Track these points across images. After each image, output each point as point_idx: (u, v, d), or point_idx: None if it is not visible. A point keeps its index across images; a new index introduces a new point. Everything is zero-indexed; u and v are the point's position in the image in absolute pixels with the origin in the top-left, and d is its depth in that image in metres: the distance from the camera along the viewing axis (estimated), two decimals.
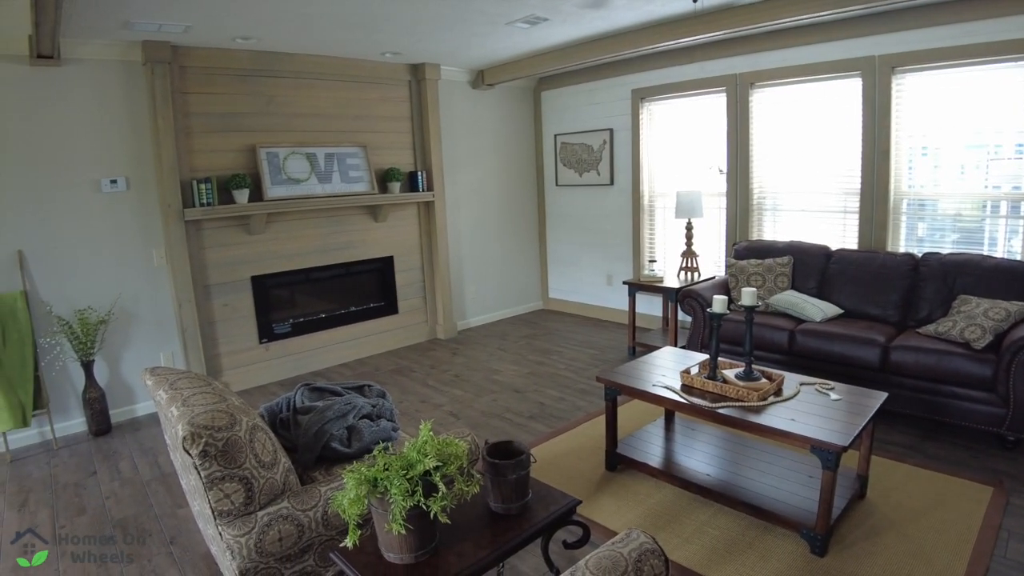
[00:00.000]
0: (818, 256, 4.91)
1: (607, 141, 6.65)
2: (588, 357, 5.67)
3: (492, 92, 6.94)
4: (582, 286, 7.32)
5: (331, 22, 4.44)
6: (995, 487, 3.27)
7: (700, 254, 5.75)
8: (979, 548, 2.77)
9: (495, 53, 5.85)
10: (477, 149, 6.94)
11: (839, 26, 4.83)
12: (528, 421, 4.32)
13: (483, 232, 7.12)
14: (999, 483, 3.31)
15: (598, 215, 6.95)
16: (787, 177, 5.46)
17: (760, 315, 4.66)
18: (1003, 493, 3.22)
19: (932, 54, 4.50)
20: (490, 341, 6.42)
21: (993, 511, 3.06)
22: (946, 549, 2.77)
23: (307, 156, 5.43)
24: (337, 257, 5.84)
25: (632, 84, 6.34)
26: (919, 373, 3.89)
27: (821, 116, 5.19)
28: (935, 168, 4.79)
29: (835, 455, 2.63)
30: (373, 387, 3.24)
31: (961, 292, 4.20)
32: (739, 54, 5.46)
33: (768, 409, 2.99)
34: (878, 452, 3.63)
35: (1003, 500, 3.16)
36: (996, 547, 2.78)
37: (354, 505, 1.74)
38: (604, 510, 3.18)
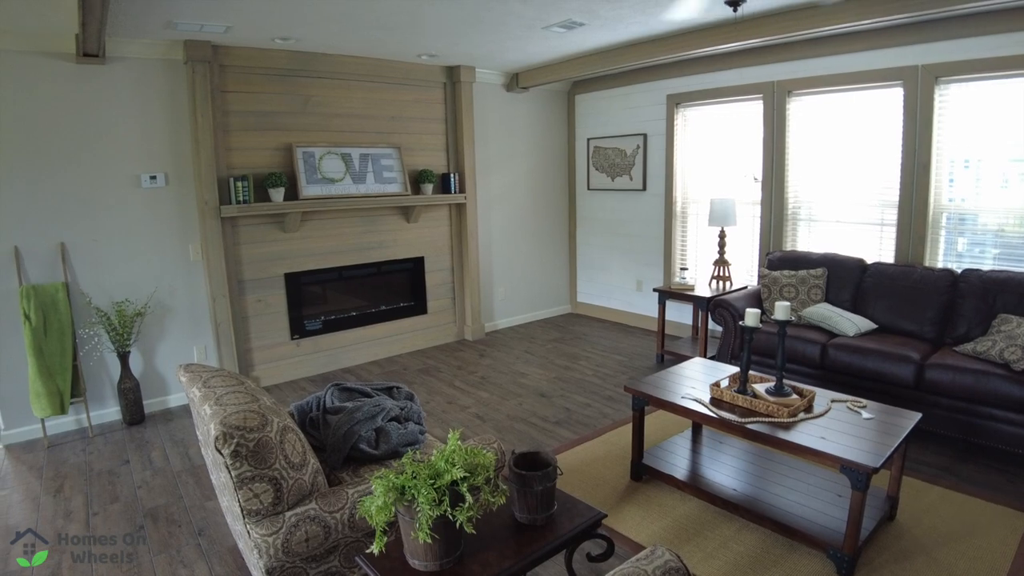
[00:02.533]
0: (853, 269, 4.82)
1: (640, 146, 6.61)
2: (616, 363, 5.65)
3: (526, 95, 6.94)
4: (611, 291, 7.29)
5: (369, 23, 4.48)
6: None
7: (733, 263, 5.69)
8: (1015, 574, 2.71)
9: (530, 56, 5.85)
10: (510, 151, 6.95)
11: (881, 34, 4.74)
12: (554, 427, 4.31)
13: (513, 234, 7.14)
14: None
15: (629, 220, 6.91)
16: (823, 187, 5.36)
17: (792, 328, 4.58)
18: None
19: (977, 64, 4.38)
20: (518, 344, 6.43)
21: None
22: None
23: (342, 156, 5.49)
24: (369, 256, 5.90)
25: (667, 89, 6.30)
26: (955, 393, 3.80)
27: (860, 126, 5.09)
28: (977, 181, 4.67)
29: (865, 475, 2.58)
30: (402, 389, 3.27)
31: (1002, 311, 4.09)
32: (777, 61, 5.37)
33: (798, 426, 2.95)
34: (910, 473, 3.56)
35: None
36: None
37: (381, 512, 1.76)
38: (628, 521, 3.16)
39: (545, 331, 6.91)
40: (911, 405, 3.82)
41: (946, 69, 4.54)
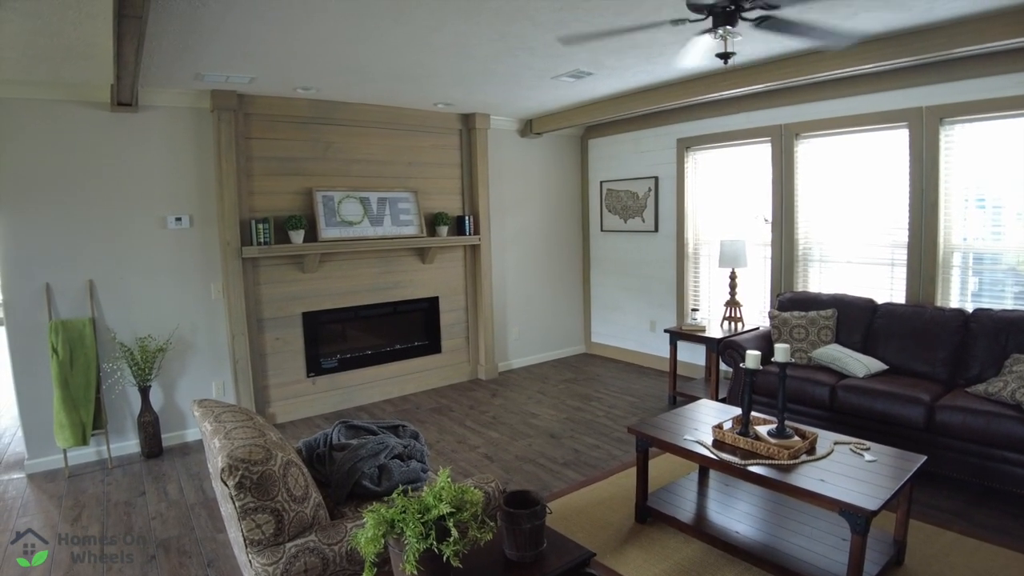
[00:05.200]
0: (864, 310, 4.81)
1: (652, 189, 6.71)
2: (627, 405, 5.66)
3: (540, 140, 7.12)
4: (625, 331, 7.32)
5: (386, 74, 4.69)
6: None
7: (744, 304, 5.70)
8: None
9: (543, 104, 6.03)
10: (524, 194, 7.10)
11: (885, 77, 4.82)
12: (562, 468, 4.33)
13: (528, 275, 7.24)
14: None
15: (642, 261, 6.99)
16: (833, 228, 5.40)
17: (802, 369, 4.58)
18: None
19: (982, 105, 4.43)
20: (530, 384, 6.47)
21: None
22: None
23: (360, 200, 5.67)
24: (385, 296, 6.03)
25: (677, 133, 6.42)
26: (967, 435, 3.75)
27: (868, 167, 5.14)
28: (989, 221, 4.69)
29: (865, 519, 2.57)
30: (407, 427, 3.34)
31: (1015, 351, 4.05)
32: (784, 104, 5.48)
33: (799, 468, 2.95)
34: (921, 517, 3.50)
35: None
36: None
37: (370, 544, 1.82)
38: (630, 563, 3.16)
39: (558, 371, 6.95)
40: (922, 448, 3.78)
41: (950, 110, 4.60)
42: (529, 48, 4.11)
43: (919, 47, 3.98)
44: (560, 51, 4.16)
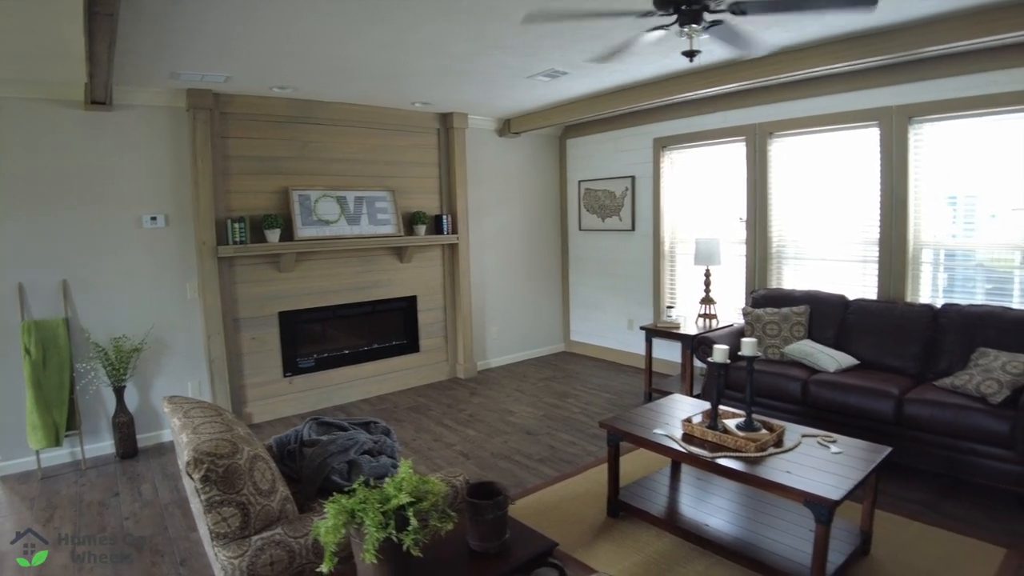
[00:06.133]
0: (836, 306, 4.88)
1: (629, 188, 6.77)
2: (604, 401, 5.69)
3: (518, 140, 7.15)
4: (604, 329, 7.36)
5: (363, 74, 4.69)
6: (1009, 549, 3.18)
7: (719, 301, 5.76)
8: None
9: (520, 103, 6.06)
10: (503, 194, 7.13)
11: (856, 77, 4.89)
12: (537, 464, 4.35)
13: (507, 274, 7.26)
14: (1014, 545, 3.22)
15: (620, 260, 7.04)
16: (806, 226, 5.47)
17: (775, 364, 4.65)
18: (1018, 555, 3.13)
19: (949, 104, 4.52)
20: (509, 382, 6.49)
21: (1005, 574, 2.98)
22: None
23: (337, 199, 5.67)
24: (362, 296, 6.03)
25: (654, 133, 6.48)
26: (935, 427, 3.81)
27: (840, 165, 5.21)
28: (957, 218, 4.78)
29: (828, 509, 2.61)
30: (379, 424, 3.35)
31: (981, 344, 4.12)
32: (758, 104, 5.54)
33: (766, 460, 2.99)
34: (890, 508, 3.56)
35: (1018, 563, 3.07)
36: None
37: (330, 533, 1.83)
38: (601, 557, 3.18)
39: (538, 369, 6.97)
40: (892, 440, 3.82)
41: (918, 110, 4.68)
42: (504, 47, 4.13)
43: (887, 47, 4.05)
44: (535, 50, 4.19)
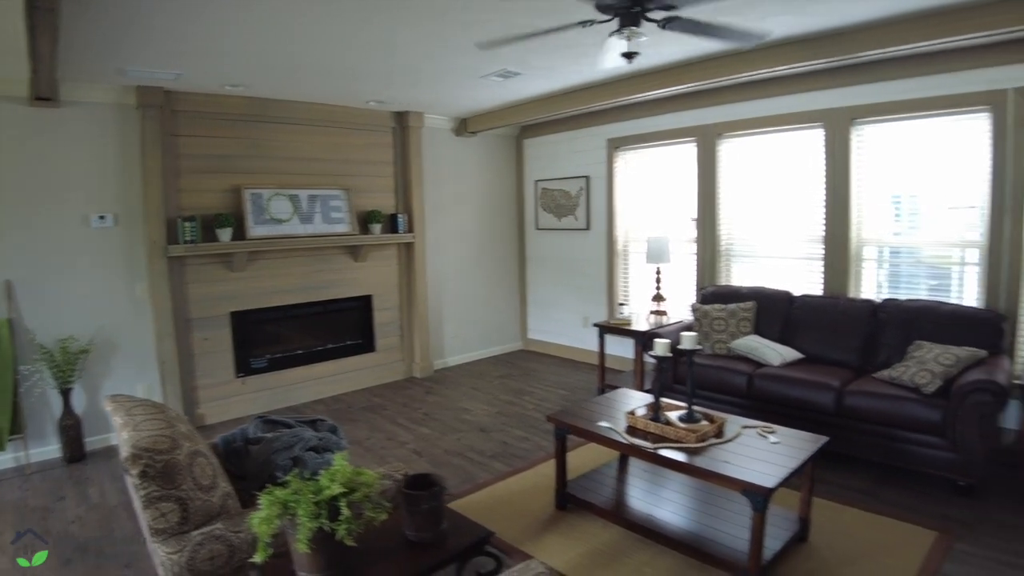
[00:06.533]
0: (781, 302, 5.02)
1: (584, 188, 6.86)
2: (558, 398, 5.75)
3: (475, 139, 7.18)
4: (560, 327, 7.43)
5: (315, 72, 4.69)
6: (940, 532, 3.32)
7: (670, 298, 5.88)
8: None
9: (475, 103, 6.09)
10: (460, 193, 7.15)
11: (803, 79, 5.03)
12: (489, 460, 4.39)
13: (465, 273, 7.29)
14: (945, 528, 3.36)
15: (576, 258, 7.12)
16: (754, 224, 5.62)
17: (722, 359, 4.77)
18: (948, 538, 3.26)
19: (889, 106, 4.69)
20: (465, 380, 6.52)
21: (935, 556, 3.10)
22: None
23: (290, 197, 5.63)
24: (317, 295, 5.99)
25: (608, 133, 6.58)
26: (873, 417, 3.96)
27: (787, 165, 5.36)
28: (901, 216, 4.97)
29: (763, 497, 2.69)
30: (325, 421, 3.36)
31: (918, 338, 4.27)
32: (709, 106, 5.66)
33: (706, 451, 3.07)
34: (829, 496, 3.68)
35: (947, 545, 3.20)
36: None
37: (264, 524, 1.85)
38: (548, 548, 3.23)
39: (495, 368, 7.01)
40: (833, 431, 3.94)
41: (861, 112, 4.84)
42: (454, 48, 4.17)
43: (832, 50, 4.18)
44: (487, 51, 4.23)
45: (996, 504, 3.62)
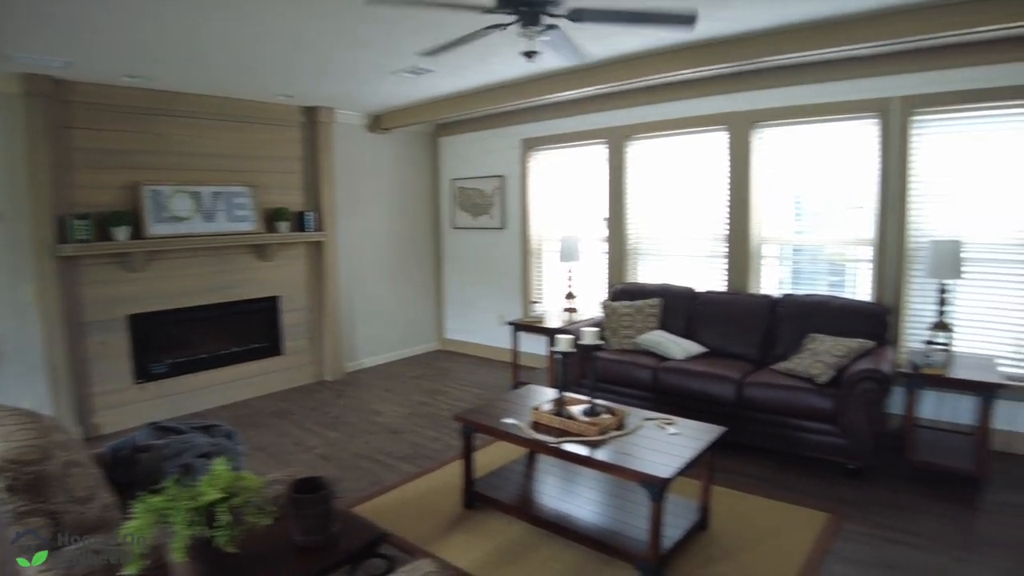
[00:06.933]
0: (685, 298, 5.18)
1: (499, 187, 6.88)
2: (473, 397, 5.73)
3: (390, 136, 7.07)
4: (477, 326, 7.41)
5: (218, 65, 4.51)
6: (831, 513, 3.49)
7: (583, 296, 5.98)
8: (806, 572, 2.95)
9: (388, 99, 6.01)
10: (375, 191, 7.02)
11: (707, 84, 5.19)
12: (398, 462, 4.32)
13: (380, 272, 7.16)
14: (836, 509, 3.54)
15: (491, 257, 7.13)
16: (661, 223, 5.78)
17: (628, 354, 4.88)
18: (838, 518, 3.44)
19: (788, 111, 4.94)
20: (379, 382, 6.39)
21: (826, 536, 3.26)
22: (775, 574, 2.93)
23: (192, 195, 5.39)
24: (221, 296, 5.75)
25: (522, 133, 6.62)
26: (770, 407, 4.14)
27: (692, 167, 5.53)
28: (799, 216, 5.25)
29: (659, 487, 2.76)
30: (220, 427, 3.23)
31: (813, 331, 4.49)
32: (618, 108, 5.78)
33: (606, 444, 3.12)
34: (730, 484, 3.80)
35: (837, 525, 3.38)
36: (820, 570, 2.96)
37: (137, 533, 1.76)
38: (452, 547, 3.21)
39: (410, 368, 6.92)
40: (734, 421, 4.11)
41: (762, 115, 5.06)
42: (361, 41, 4.08)
43: (734, 55, 4.33)
44: (394, 46, 4.17)
45: (882, 485, 3.86)
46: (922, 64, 4.35)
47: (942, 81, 4.33)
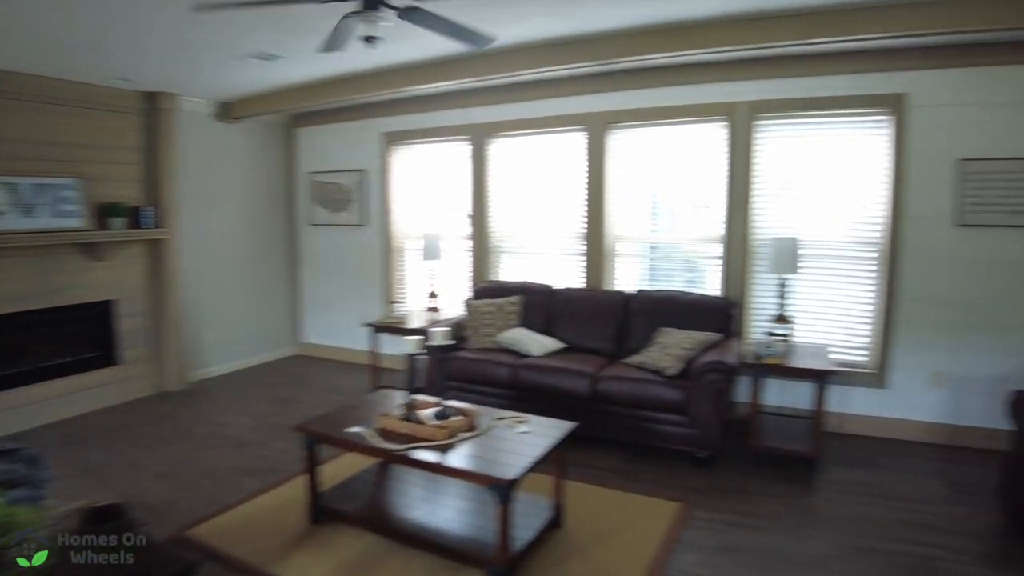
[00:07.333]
0: (544, 295, 5.22)
1: (359, 182, 6.63)
2: (330, 404, 5.33)
3: (242, 126, 6.59)
4: (337, 329, 7.06)
5: (38, 41, 4.01)
6: (682, 502, 3.59)
7: (447, 295, 5.89)
8: (655, 563, 2.99)
9: (237, 86, 5.61)
10: (224, 185, 6.54)
11: (566, 84, 5.25)
12: (243, 477, 4.01)
13: (230, 273, 6.66)
14: (684, 498, 3.64)
15: (352, 256, 6.85)
16: (523, 221, 5.81)
17: (489, 352, 4.85)
18: (688, 507, 3.54)
19: (643, 113, 5.12)
20: (227, 392, 5.95)
21: (676, 526, 3.35)
22: (626, 567, 2.96)
23: (7, 186, 4.76)
24: (44, 302, 5.08)
25: (383, 127, 6.42)
26: (623, 400, 4.22)
27: (552, 165, 5.60)
28: (656, 215, 5.44)
29: (505, 489, 2.69)
30: (21, 451, 2.85)
31: (663, 324, 4.64)
32: (481, 105, 5.74)
33: (455, 448, 3.03)
34: (585, 479, 3.81)
35: (687, 514, 3.47)
36: (669, 560, 3.01)
37: None
38: (293, 567, 2.99)
39: (263, 376, 6.50)
40: (589, 415, 4.20)
41: (618, 117, 5.20)
42: (200, 22, 3.72)
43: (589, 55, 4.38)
44: (237, 29, 3.86)
45: (729, 471, 4.03)
46: (766, 72, 4.65)
47: (783, 89, 4.66)
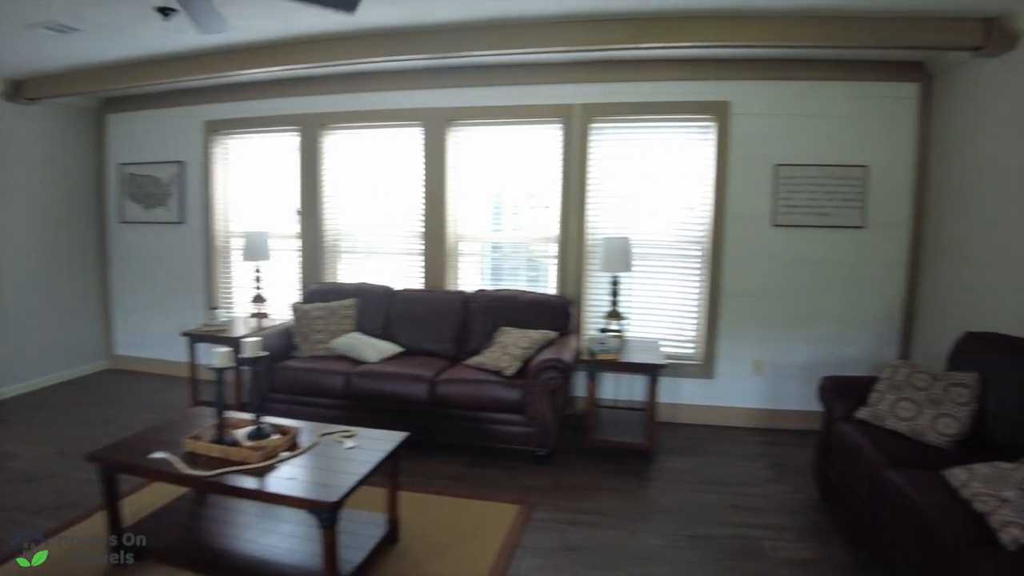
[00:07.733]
0: (382, 297, 5.04)
1: (178, 174, 6.03)
2: (144, 423, 4.76)
3: (37, 109, 5.68)
4: (154, 339, 6.34)
5: None
6: (521, 504, 3.57)
7: (275, 299, 5.55)
8: (494, 571, 2.92)
9: (30, 61, 4.86)
10: (17, 176, 5.64)
11: (403, 77, 5.12)
12: (32, 518, 3.43)
13: (23, 278, 5.77)
14: (524, 499, 3.62)
15: (169, 257, 6.21)
16: (359, 219, 5.59)
17: (320, 360, 4.58)
18: (527, 508, 3.52)
19: (482, 111, 5.09)
20: (19, 416, 5.15)
21: (515, 530, 3.30)
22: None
23: None
24: None
25: (205, 115, 5.88)
26: (462, 403, 4.16)
27: (389, 162, 5.42)
28: (498, 214, 5.42)
29: (328, 513, 2.50)
30: None
31: (503, 324, 4.63)
32: (312, 94, 5.44)
33: (273, 470, 2.77)
34: (424, 488, 3.70)
35: (527, 516, 3.45)
36: (509, 568, 2.95)
37: None
38: None
39: (68, 395, 5.72)
40: (429, 420, 4.14)
41: (457, 114, 5.13)
42: None
43: (425, 47, 4.25)
44: None
45: (568, 468, 4.08)
46: (601, 76, 4.79)
47: (617, 93, 4.82)
